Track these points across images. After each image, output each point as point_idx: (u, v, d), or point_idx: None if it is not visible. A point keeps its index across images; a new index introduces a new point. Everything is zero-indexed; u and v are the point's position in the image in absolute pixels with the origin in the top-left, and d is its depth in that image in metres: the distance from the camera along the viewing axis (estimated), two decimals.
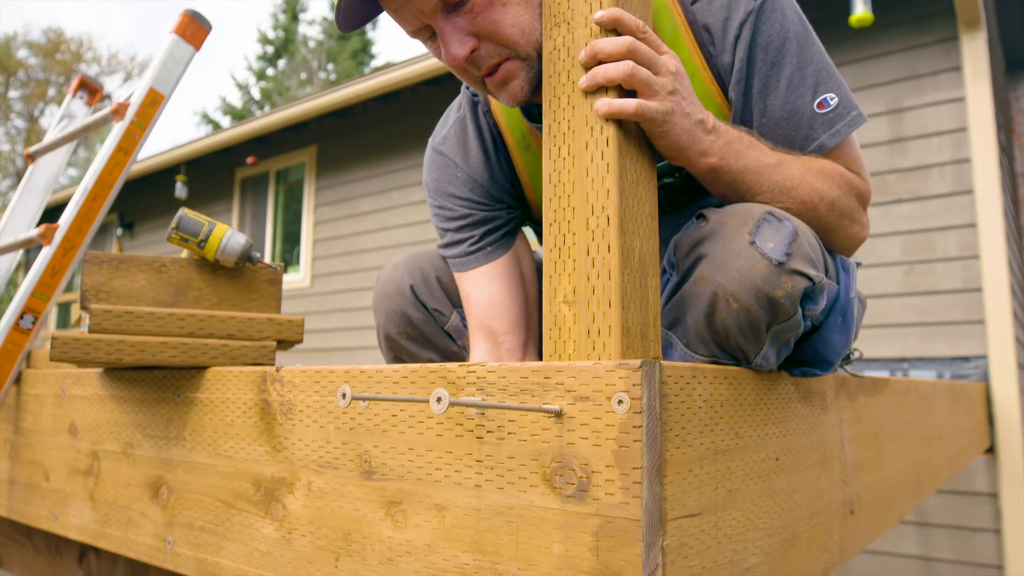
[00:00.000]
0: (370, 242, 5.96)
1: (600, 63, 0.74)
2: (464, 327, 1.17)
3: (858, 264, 1.07)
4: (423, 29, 0.90)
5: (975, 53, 3.52)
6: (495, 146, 1.13)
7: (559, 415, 0.67)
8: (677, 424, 0.68)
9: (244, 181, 7.36)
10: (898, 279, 3.62)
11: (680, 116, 0.79)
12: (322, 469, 0.86)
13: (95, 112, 1.98)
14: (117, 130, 1.54)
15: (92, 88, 2.09)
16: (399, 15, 0.89)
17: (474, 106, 1.14)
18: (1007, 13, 4.77)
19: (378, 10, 0.91)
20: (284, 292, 5.84)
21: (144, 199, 8.19)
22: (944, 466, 2.07)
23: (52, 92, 27.23)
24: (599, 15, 0.74)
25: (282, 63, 26.50)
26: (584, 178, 0.73)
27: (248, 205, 7.31)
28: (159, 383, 1.11)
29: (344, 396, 0.59)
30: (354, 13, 0.89)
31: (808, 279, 0.78)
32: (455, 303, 1.17)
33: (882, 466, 1.36)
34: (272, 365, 1.08)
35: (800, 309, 0.81)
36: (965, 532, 3.36)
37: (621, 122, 0.75)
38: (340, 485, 0.84)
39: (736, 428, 0.79)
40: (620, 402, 0.63)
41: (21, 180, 1.91)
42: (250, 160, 6.89)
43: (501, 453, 0.70)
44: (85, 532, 1.21)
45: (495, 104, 1.12)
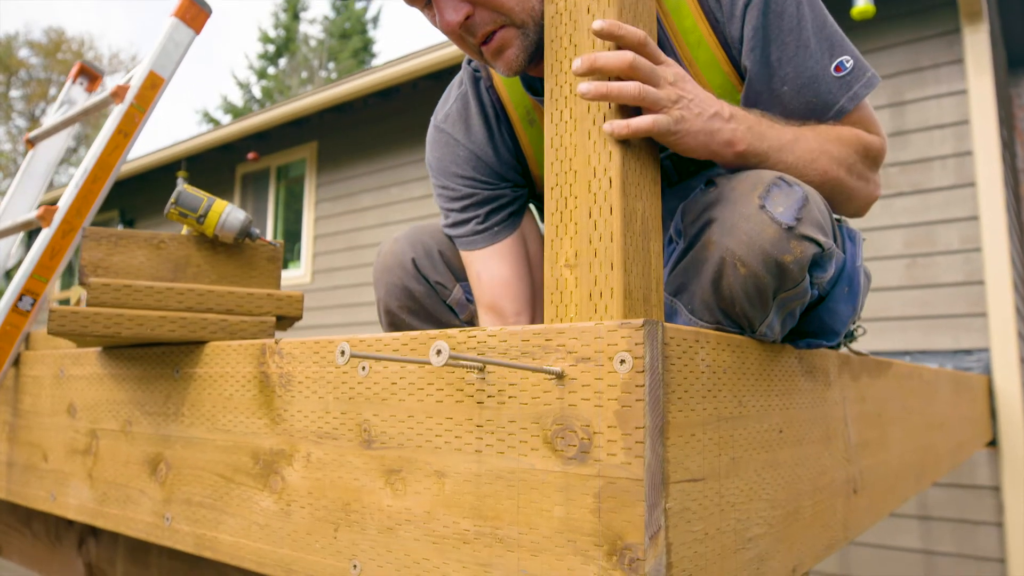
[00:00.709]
0: (370, 237, 5.95)
1: (607, 81, 0.73)
2: (467, 300, 1.16)
3: (863, 239, 1.06)
4: None
5: (977, 46, 3.51)
6: (498, 121, 1.12)
7: (560, 377, 0.66)
8: (680, 387, 0.67)
9: (245, 177, 7.36)
10: (900, 272, 3.61)
11: (691, 119, 0.79)
12: (321, 440, 0.86)
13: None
14: (117, 112, 1.53)
15: (92, 74, 2.09)
16: None
17: (476, 81, 1.13)
18: (1009, 10, 4.76)
19: None
20: (284, 288, 5.83)
21: (145, 195, 8.19)
22: (947, 455, 2.06)
23: (53, 91, 27.24)
24: (598, 26, 0.72)
25: (283, 62, 26.51)
26: (586, 141, 0.73)
27: (249, 201, 7.31)
28: (158, 359, 1.10)
29: (343, 354, 0.58)
30: None
31: (818, 245, 0.77)
32: (458, 276, 1.16)
33: (885, 448, 1.36)
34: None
35: (808, 276, 0.80)
36: (967, 525, 3.35)
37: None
38: (339, 455, 0.83)
39: (739, 396, 0.78)
40: (622, 362, 0.62)
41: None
42: (251, 156, 6.89)
43: (502, 417, 0.70)
44: (83, 511, 1.21)
45: (498, 79, 1.11)
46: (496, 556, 0.69)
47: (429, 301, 1.14)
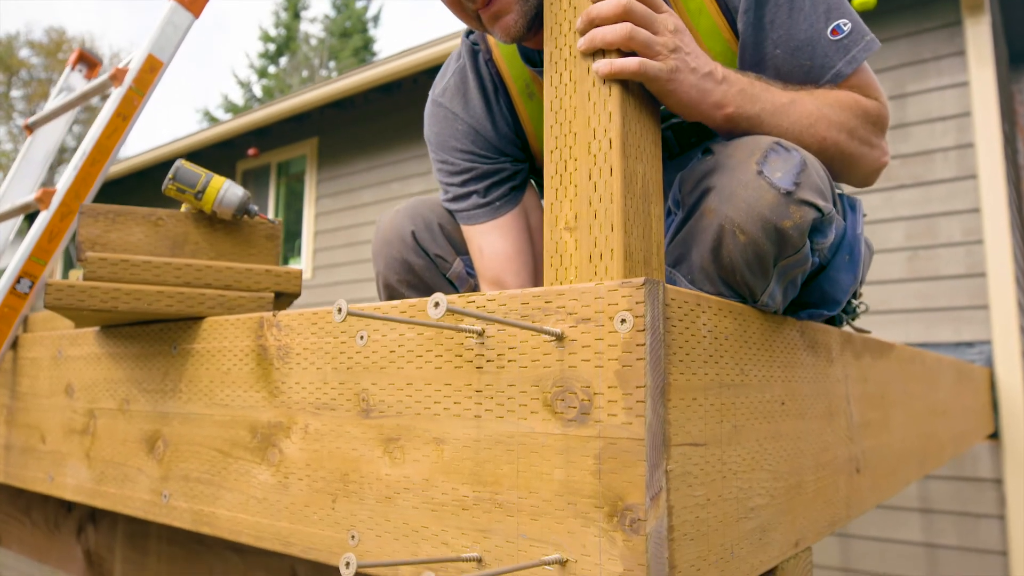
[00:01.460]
0: (371, 233, 5.94)
1: (596, 27, 0.72)
2: (467, 274, 1.15)
3: (864, 215, 1.05)
4: None
5: (979, 38, 3.50)
6: (497, 95, 1.11)
7: (560, 338, 0.65)
8: (681, 350, 0.66)
9: (246, 173, 7.36)
10: (902, 265, 3.60)
11: (687, 72, 0.77)
12: (319, 411, 0.85)
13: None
14: (115, 95, 1.52)
15: (91, 62, 2.08)
16: None
17: (474, 55, 1.12)
18: (1010, 5, 4.74)
19: None
20: None
21: (145, 193, 8.18)
22: (949, 443, 2.05)
23: (54, 92, 27.24)
24: None
25: (284, 61, 26.51)
26: (586, 103, 0.72)
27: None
28: (155, 337, 1.09)
29: (340, 311, 0.58)
30: None
31: (817, 209, 0.76)
32: (458, 250, 1.15)
33: (887, 430, 1.35)
34: None
35: (808, 243, 0.79)
36: (969, 518, 3.34)
37: (622, 52, 0.73)
38: (338, 425, 0.82)
39: (741, 365, 0.77)
40: (623, 321, 0.62)
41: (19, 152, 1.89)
42: (251, 152, 6.88)
43: (501, 382, 0.69)
44: (81, 491, 1.20)
45: (497, 52, 1.10)
46: (495, 521, 0.68)
47: (429, 275, 1.13)
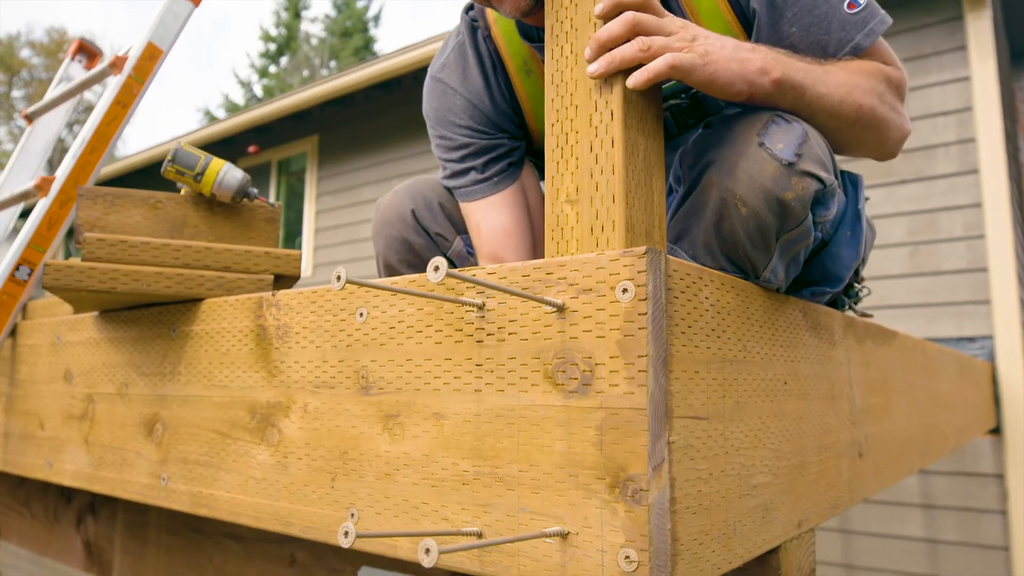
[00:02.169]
0: (371, 231, 5.93)
1: (609, 50, 0.70)
2: (467, 253, 1.15)
3: (866, 198, 1.05)
4: None
5: (980, 33, 3.50)
6: (495, 71, 1.11)
7: (561, 309, 0.64)
8: (683, 321, 0.66)
9: (246, 171, 7.34)
10: (903, 260, 3.59)
11: (717, 50, 0.74)
12: (319, 389, 0.84)
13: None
14: (115, 83, 1.52)
15: (91, 52, 2.08)
16: None
17: (473, 31, 1.11)
18: (1012, 2, 4.73)
19: None
20: None
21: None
22: (951, 434, 2.05)
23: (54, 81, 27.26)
24: (599, 10, 0.70)
25: (284, 60, 26.52)
26: (587, 75, 0.71)
27: None
28: (154, 320, 1.09)
29: (339, 278, 0.57)
30: None
31: (819, 181, 0.76)
32: (459, 228, 1.15)
33: (890, 416, 1.34)
34: None
35: (811, 216, 0.79)
36: (971, 514, 3.33)
37: None
38: (337, 404, 0.82)
39: (743, 341, 0.77)
40: (625, 290, 0.61)
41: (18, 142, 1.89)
42: (251, 149, 6.88)
43: (501, 355, 0.68)
44: (79, 477, 1.19)
45: (495, 28, 1.10)
46: (496, 496, 0.67)
47: (429, 254, 1.12)
